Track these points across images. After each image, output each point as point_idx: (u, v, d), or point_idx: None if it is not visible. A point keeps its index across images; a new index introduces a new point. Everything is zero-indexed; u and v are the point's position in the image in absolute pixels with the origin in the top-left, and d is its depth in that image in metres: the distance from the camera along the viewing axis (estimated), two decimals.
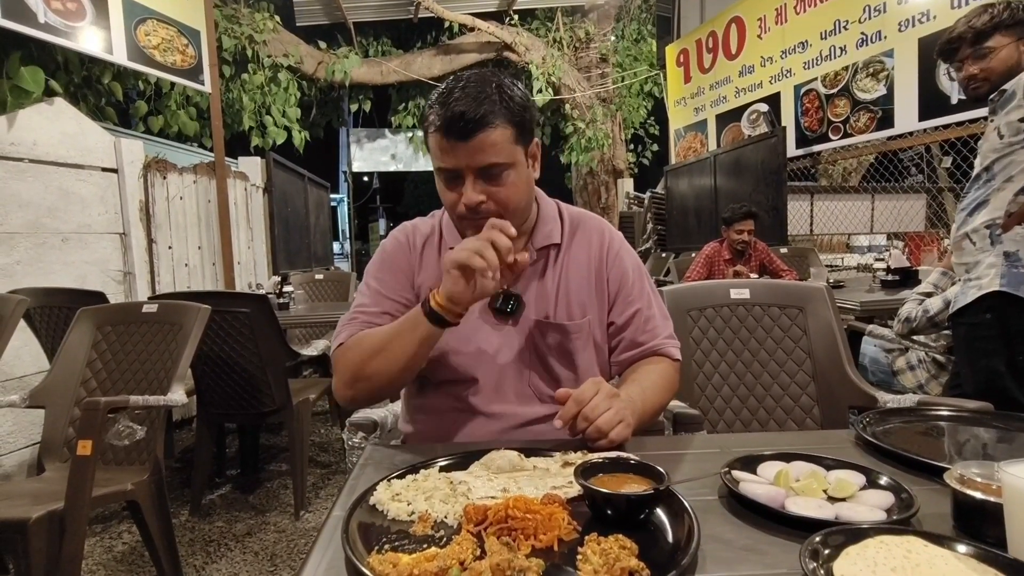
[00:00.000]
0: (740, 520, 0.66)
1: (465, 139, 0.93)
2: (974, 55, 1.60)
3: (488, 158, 0.95)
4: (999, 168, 1.56)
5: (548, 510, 0.63)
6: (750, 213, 3.70)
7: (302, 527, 2.38)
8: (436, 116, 0.96)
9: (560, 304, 1.10)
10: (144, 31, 3.43)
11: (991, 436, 0.93)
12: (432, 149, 0.99)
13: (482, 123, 0.93)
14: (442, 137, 0.95)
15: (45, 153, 2.97)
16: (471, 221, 0.99)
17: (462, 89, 0.96)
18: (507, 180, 0.98)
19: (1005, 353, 1.57)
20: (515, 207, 1.01)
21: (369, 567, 0.54)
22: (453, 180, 0.99)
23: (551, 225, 1.14)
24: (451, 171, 0.97)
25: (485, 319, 1.09)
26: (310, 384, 2.84)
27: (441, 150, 0.96)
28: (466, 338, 1.08)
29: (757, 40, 5.33)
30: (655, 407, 1.03)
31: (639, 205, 7.51)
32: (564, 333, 1.09)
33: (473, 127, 0.93)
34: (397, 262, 1.13)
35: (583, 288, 1.12)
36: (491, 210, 0.98)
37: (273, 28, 6.13)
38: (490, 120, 0.94)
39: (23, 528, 1.36)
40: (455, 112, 0.93)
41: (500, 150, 0.96)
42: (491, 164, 0.96)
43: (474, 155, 0.95)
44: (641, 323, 1.12)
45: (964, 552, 0.53)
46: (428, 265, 1.12)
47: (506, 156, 0.97)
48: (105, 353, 1.92)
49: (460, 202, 0.98)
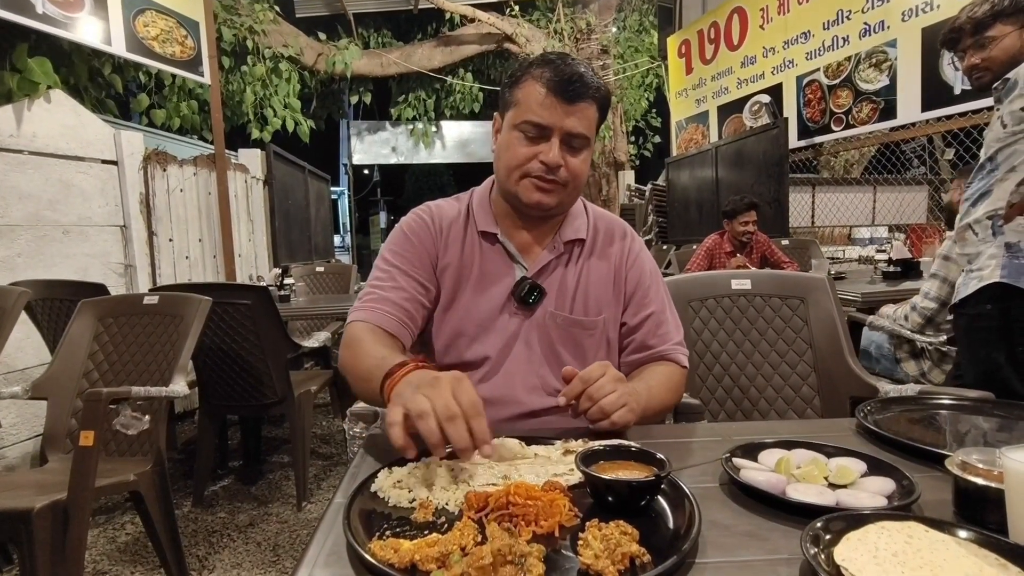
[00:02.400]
0: (741, 507, 0.66)
1: (571, 102, 0.98)
2: (975, 44, 1.59)
3: (581, 127, 1.01)
4: (1002, 158, 1.55)
5: (549, 496, 0.63)
6: (753, 204, 3.68)
7: (304, 518, 2.39)
8: (544, 71, 0.99)
9: (579, 300, 1.11)
10: (143, 22, 3.41)
11: (992, 424, 0.93)
12: (522, 101, 1.01)
13: (588, 93, 0.99)
14: (548, 92, 0.98)
15: (45, 145, 2.96)
16: (536, 182, 1.02)
17: (566, 58, 1.01)
18: (583, 156, 1.04)
19: (1005, 344, 1.56)
20: (580, 184, 1.06)
21: (371, 553, 0.55)
22: (536, 137, 1.01)
23: (579, 220, 1.15)
24: (542, 127, 1.00)
25: (505, 306, 1.09)
26: (311, 376, 2.84)
27: (539, 104, 0.99)
28: (482, 323, 1.08)
29: (759, 30, 5.29)
30: (659, 405, 1.04)
31: (640, 197, 7.49)
32: (580, 328, 1.10)
33: (582, 93, 0.99)
34: (420, 240, 1.11)
35: (602, 286, 1.13)
36: (563, 178, 1.02)
37: (273, 19, 6.10)
38: (594, 94, 1.01)
39: (27, 518, 1.37)
40: (571, 73, 0.98)
41: (590, 125, 1.02)
42: (580, 134, 1.01)
43: (571, 119, 0.99)
44: (653, 327, 1.13)
45: (965, 537, 0.53)
46: (453, 248, 1.11)
47: (590, 133, 1.03)
48: (107, 345, 1.92)
49: (538, 158, 1.01)
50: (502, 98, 1.08)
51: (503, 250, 1.11)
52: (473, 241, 1.11)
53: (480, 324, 1.08)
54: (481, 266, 1.10)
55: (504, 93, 1.07)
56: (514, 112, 1.03)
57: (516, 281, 1.08)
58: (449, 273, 1.10)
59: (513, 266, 1.10)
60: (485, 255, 1.11)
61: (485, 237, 1.11)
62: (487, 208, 1.13)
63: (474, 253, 1.11)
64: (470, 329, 1.08)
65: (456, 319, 1.09)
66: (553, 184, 1.02)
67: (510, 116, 1.04)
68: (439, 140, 8.94)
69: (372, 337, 0.98)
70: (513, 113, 1.03)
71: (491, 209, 1.13)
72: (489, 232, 1.11)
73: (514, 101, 1.03)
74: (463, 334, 1.08)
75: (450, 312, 1.10)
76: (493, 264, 1.10)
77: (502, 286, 1.09)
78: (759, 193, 4.49)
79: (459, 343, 1.08)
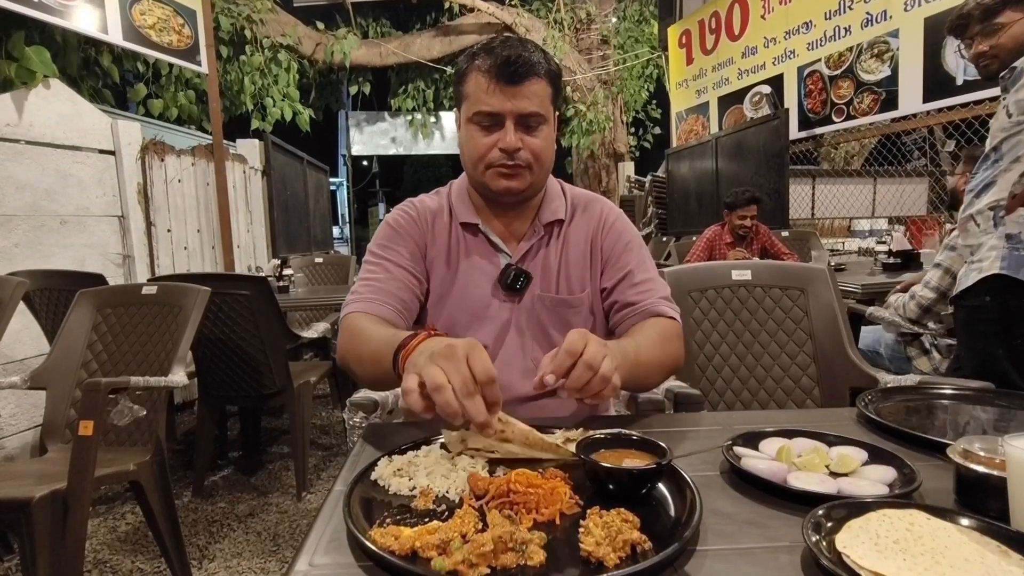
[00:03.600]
0: (742, 495, 0.66)
1: (514, 83, 0.97)
2: (984, 31, 1.57)
3: (532, 106, 0.99)
4: (1007, 148, 1.54)
5: (550, 484, 0.63)
6: (754, 198, 3.65)
7: (304, 508, 2.40)
8: (484, 60, 0.98)
9: (562, 279, 1.12)
10: (139, 10, 3.38)
11: (992, 414, 0.93)
12: (471, 94, 1.01)
13: (532, 71, 0.98)
14: (489, 80, 0.97)
15: (41, 135, 2.94)
16: (500, 169, 1.02)
17: (506, 42, 0.99)
18: (542, 134, 1.03)
19: (1004, 337, 1.56)
20: (545, 162, 1.05)
21: (371, 540, 0.54)
22: (490, 125, 1.01)
23: (556, 202, 1.16)
24: (492, 115, 1.00)
25: (494, 294, 1.10)
26: (311, 367, 2.84)
27: (485, 93, 0.98)
28: (475, 313, 1.09)
29: (760, 20, 5.26)
30: (651, 361, 0.97)
31: (640, 189, 7.48)
32: (566, 307, 1.11)
33: (524, 72, 0.97)
34: (408, 233, 1.12)
35: (581, 261, 1.13)
36: (525, 159, 1.01)
37: (271, 8, 6.05)
38: (538, 71, 0.99)
39: (27, 507, 1.37)
40: (507, 56, 0.96)
41: (542, 102, 1.01)
42: (532, 113, 1.00)
43: (520, 100, 0.98)
44: (631, 283, 1.11)
45: (967, 525, 0.53)
46: (439, 240, 1.12)
47: (544, 110, 1.01)
48: (105, 335, 1.92)
49: (496, 146, 1.00)
50: (455, 95, 1.08)
51: (486, 239, 1.12)
52: (457, 233, 1.13)
53: (472, 314, 1.09)
54: (467, 257, 1.11)
55: (455, 89, 1.07)
56: (466, 106, 1.03)
57: (501, 268, 1.09)
58: (437, 265, 1.11)
59: (497, 254, 1.12)
60: (469, 246, 1.12)
61: (467, 228, 1.13)
62: (466, 199, 1.14)
63: (459, 245, 1.12)
64: (463, 319, 1.09)
65: (448, 311, 1.10)
66: (516, 168, 1.02)
67: (464, 110, 1.04)
68: (438, 131, 8.90)
69: (372, 325, 0.97)
70: (465, 107, 1.03)
71: (470, 200, 1.14)
72: (470, 223, 1.12)
73: (464, 95, 1.03)
74: (456, 324, 1.09)
75: (441, 304, 1.11)
76: (478, 254, 1.11)
77: (489, 275, 1.10)
78: (759, 184, 4.47)
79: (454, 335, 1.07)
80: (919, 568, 0.47)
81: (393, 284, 1.05)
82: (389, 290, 1.04)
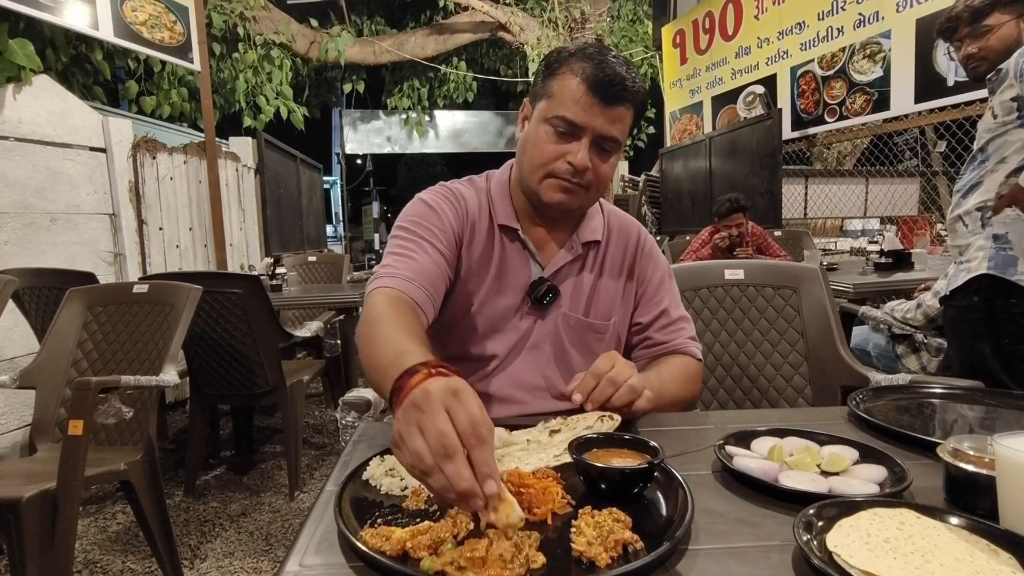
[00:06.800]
0: (734, 494, 0.66)
1: (607, 102, 0.93)
2: (972, 34, 1.58)
3: (614, 131, 0.96)
4: (993, 148, 1.55)
5: (542, 484, 0.63)
6: (735, 207, 3.56)
7: (296, 507, 2.39)
8: (584, 66, 0.93)
9: (592, 303, 1.09)
10: (131, 7, 3.35)
11: (981, 412, 0.94)
12: (557, 94, 0.95)
13: (627, 97, 0.94)
14: (587, 90, 0.92)
15: (31, 132, 2.92)
16: (561, 182, 0.97)
17: (609, 54, 0.95)
18: (611, 160, 0.99)
19: (991, 337, 1.57)
20: (604, 188, 1.02)
21: (362, 540, 0.54)
22: (567, 134, 0.95)
23: (595, 220, 1.12)
24: (575, 125, 0.94)
25: (520, 305, 1.06)
26: (304, 365, 2.83)
27: (575, 101, 0.93)
28: (495, 321, 1.05)
29: (754, 21, 5.27)
30: (672, 395, 1.01)
31: (633, 188, 7.48)
32: (591, 332, 1.08)
33: (620, 95, 0.93)
34: (446, 215, 1.02)
35: (613, 289, 1.11)
36: (588, 180, 0.98)
37: (263, 5, 6.02)
38: (632, 98, 0.95)
39: (16, 507, 1.36)
40: (613, 73, 0.92)
41: (623, 129, 0.97)
42: (612, 137, 0.96)
43: (606, 121, 0.94)
44: (665, 323, 1.11)
45: (956, 523, 0.54)
46: (478, 237, 1.05)
47: (623, 136, 0.98)
48: (96, 334, 1.90)
49: (565, 158, 0.95)
50: (535, 86, 1.01)
51: (522, 247, 1.07)
52: (494, 234, 1.06)
53: (493, 323, 1.05)
54: (500, 262, 1.06)
55: (537, 81, 1.00)
56: (547, 104, 0.96)
57: (532, 281, 1.05)
58: (471, 262, 1.05)
59: (530, 264, 1.07)
60: (506, 250, 1.06)
61: (505, 231, 1.06)
62: (507, 200, 1.07)
63: (495, 247, 1.06)
64: (482, 326, 1.05)
65: (470, 313, 1.05)
66: (577, 187, 0.97)
67: (542, 107, 0.97)
68: (432, 130, 8.88)
69: (394, 315, 0.83)
70: (545, 105, 0.96)
71: (511, 202, 1.08)
72: (510, 227, 1.06)
73: (548, 92, 0.96)
74: (475, 330, 1.05)
75: (464, 305, 1.05)
76: (512, 260, 1.06)
77: (518, 285, 1.05)
78: (752, 184, 4.49)
79: (470, 339, 1.06)
80: (909, 567, 0.48)
81: (429, 265, 0.95)
82: (424, 270, 0.94)
